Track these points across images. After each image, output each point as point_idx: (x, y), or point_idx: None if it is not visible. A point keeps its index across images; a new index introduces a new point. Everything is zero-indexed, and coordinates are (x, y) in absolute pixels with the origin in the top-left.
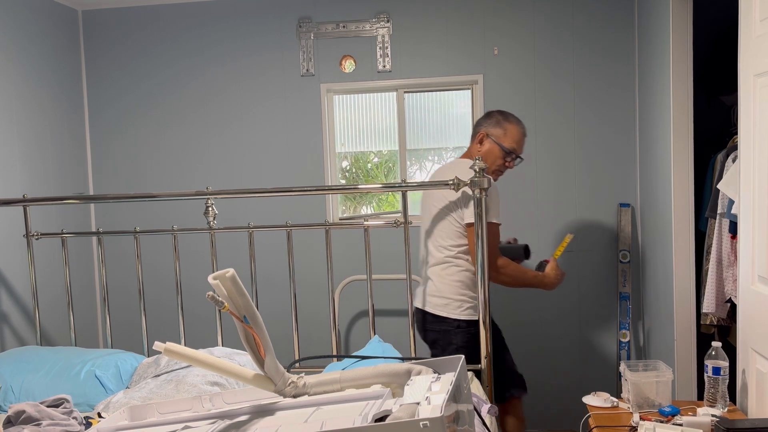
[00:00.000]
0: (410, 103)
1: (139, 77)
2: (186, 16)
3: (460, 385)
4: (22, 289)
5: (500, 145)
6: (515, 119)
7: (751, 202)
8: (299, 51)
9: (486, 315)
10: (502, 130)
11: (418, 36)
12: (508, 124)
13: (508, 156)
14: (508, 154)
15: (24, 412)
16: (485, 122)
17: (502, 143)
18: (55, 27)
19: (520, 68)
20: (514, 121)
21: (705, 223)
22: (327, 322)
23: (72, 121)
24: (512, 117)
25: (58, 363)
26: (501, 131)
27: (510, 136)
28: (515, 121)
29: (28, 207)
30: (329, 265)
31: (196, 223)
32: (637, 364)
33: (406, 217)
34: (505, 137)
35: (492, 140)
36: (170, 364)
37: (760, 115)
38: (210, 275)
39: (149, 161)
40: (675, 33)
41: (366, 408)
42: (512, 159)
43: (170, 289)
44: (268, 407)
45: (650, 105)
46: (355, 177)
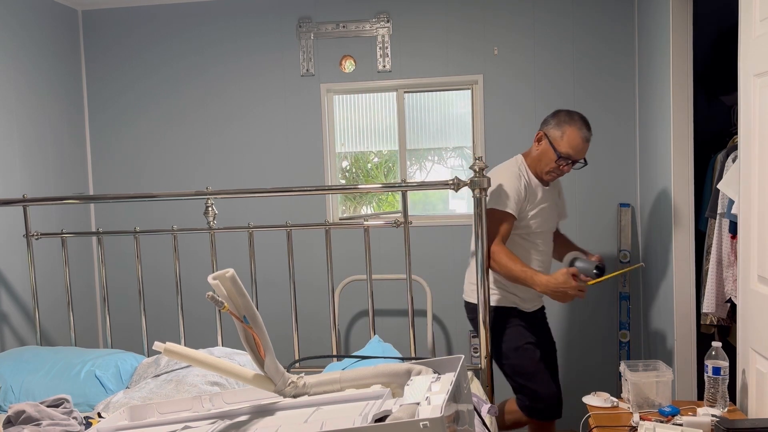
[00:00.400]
0: (410, 103)
1: (139, 77)
2: (186, 16)
3: (460, 385)
4: (22, 289)
5: (555, 148)
6: (579, 123)
7: (751, 202)
8: (299, 51)
9: (486, 315)
10: (560, 132)
11: (418, 36)
12: (568, 128)
13: (561, 160)
14: (561, 158)
15: (24, 412)
16: (548, 121)
17: (557, 147)
18: (55, 27)
19: (520, 68)
20: (576, 124)
21: (705, 223)
22: (327, 322)
23: (72, 121)
24: (577, 120)
25: (58, 363)
26: (559, 133)
27: (567, 140)
28: (578, 125)
29: (28, 207)
30: (329, 265)
31: (196, 223)
32: (637, 364)
33: (406, 217)
34: (562, 141)
35: (548, 141)
36: (170, 364)
37: (760, 115)
38: (210, 275)
39: (149, 161)
40: (675, 33)
41: (366, 408)
42: (567, 164)
43: (170, 289)
44: (268, 407)
45: (650, 105)
46: (355, 177)
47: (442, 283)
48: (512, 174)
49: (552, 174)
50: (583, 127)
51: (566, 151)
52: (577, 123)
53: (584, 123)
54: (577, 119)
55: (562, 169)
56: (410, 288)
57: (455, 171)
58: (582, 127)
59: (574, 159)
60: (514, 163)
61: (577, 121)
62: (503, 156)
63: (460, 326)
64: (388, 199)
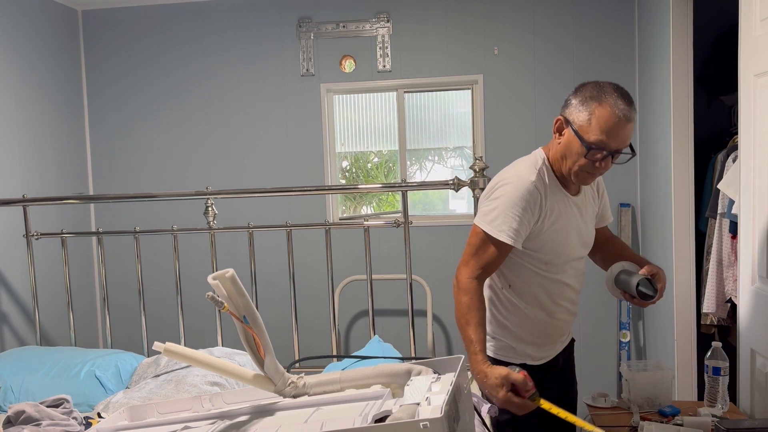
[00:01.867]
0: (410, 102)
1: (139, 77)
2: (186, 15)
3: (460, 385)
4: (22, 289)
5: (581, 137)
6: (612, 96)
7: (752, 202)
8: (299, 51)
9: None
10: (587, 113)
11: (418, 36)
12: (596, 105)
13: (593, 152)
14: (593, 150)
15: (24, 412)
16: (569, 101)
17: (585, 135)
18: (54, 27)
19: (520, 68)
20: (609, 99)
21: (705, 223)
22: (327, 322)
23: (72, 121)
24: (609, 92)
25: (57, 363)
26: (585, 115)
27: (597, 122)
28: (611, 98)
29: (28, 207)
30: (329, 265)
31: (196, 223)
32: (637, 364)
33: (406, 217)
34: (589, 126)
35: (572, 129)
36: (170, 364)
37: (761, 114)
38: (210, 275)
39: (149, 161)
40: (675, 33)
41: (366, 408)
42: (604, 156)
43: (170, 289)
44: (268, 407)
45: (650, 105)
46: (355, 177)
47: (442, 283)
48: (524, 183)
49: (582, 174)
50: (619, 101)
51: (597, 138)
52: (611, 96)
53: (621, 95)
54: (611, 91)
55: (598, 165)
56: (410, 288)
57: (455, 171)
58: (618, 100)
59: (613, 149)
60: (532, 164)
61: (609, 93)
62: (503, 156)
63: None
64: (388, 199)
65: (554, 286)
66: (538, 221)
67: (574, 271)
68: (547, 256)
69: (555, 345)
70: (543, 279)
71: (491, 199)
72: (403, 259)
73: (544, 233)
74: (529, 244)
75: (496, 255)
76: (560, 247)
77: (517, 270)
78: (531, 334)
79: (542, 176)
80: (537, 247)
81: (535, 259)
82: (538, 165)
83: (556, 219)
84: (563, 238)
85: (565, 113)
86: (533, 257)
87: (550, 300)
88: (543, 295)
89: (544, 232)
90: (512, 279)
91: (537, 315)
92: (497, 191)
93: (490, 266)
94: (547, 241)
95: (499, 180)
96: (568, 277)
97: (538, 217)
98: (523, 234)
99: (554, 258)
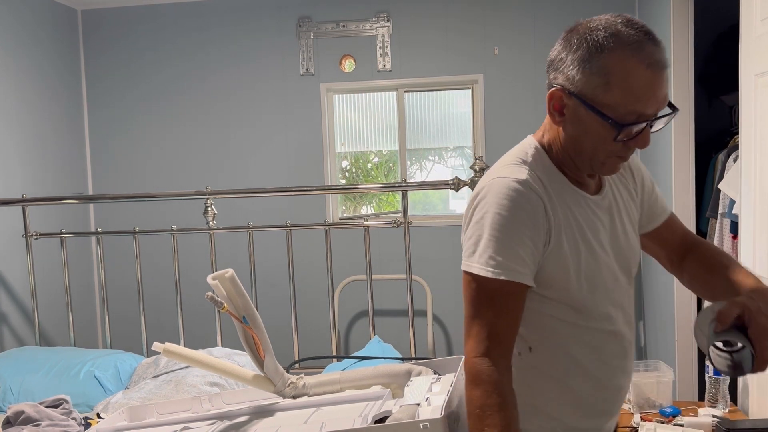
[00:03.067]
0: (410, 102)
1: (139, 76)
2: (185, 15)
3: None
4: (21, 289)
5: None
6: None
7: (752, 202)
8: (299, 50)
9: None
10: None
11: (419, 35)
12: (613, 59)
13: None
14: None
15: (23, 413)
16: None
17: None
18: (54, 26)
19: (520, 68)
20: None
21: (706, 223)
22: (327, 322)
23: (71, 121)
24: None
25: (57, 363)
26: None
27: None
28: (632, 39)
29: (27, 207)
30: (329, 265)
31: (196, 223)
32: (638, 364)
33: (406, 217)
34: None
35: (580, 103)
36: (169, 364)
37: (761, 114)
38: (209, 276)
39: (149, 161)
40: (675, 33)
41: (366, 409)
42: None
43: (170, 289)
44: (268, 408)
45: None
46: (355, 177)
47: (442, 283)
48: (510, 185)
49: (611, 162)
50: (643, 41)
51: (630, 108)
52: (628, 38)
53: (641, 30)
54: (625, 29)
55: (631, 144)
56: (410, 288)
57: (455, 171)
58: (641, 40)
59: (652, 115)
60: (517, 158)
61: (625, 35)
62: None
63: (460, 326)
64: (388, 199)
65: (595, 338)
66: (549, 240)
67: (620, 311)
68: (572, 295)
69: (607, 425)
70: (575, 331)
71: (472, 224)
72: (403, 259)
73: (560, 259)
74: (541, 281)
75: (501, 307)
76: (589, 277)
77: (534, 323)
78: (573, 416)
79: (537, 173)
80: (552, 284)
81: (555, 302)
82: (528, 157)
83: (574, 234)
84: (591, 263)
85: (560, 80)
86: (552, 300)
87: (595, 361)
88: (581, 356)
89: (559, 256)
90: (530, 338)
91: (577, 387)
92: (477, 210)
93: (502, 328)
94: (564, 271)
95: (477, 193)
96: (612, 321)
97: (547, 234)
98: (528, 261)
99: (583, 297)
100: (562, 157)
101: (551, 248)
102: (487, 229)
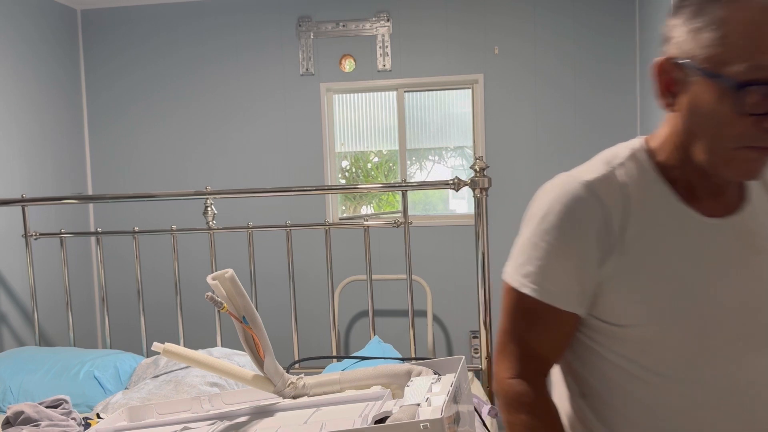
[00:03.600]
0: (410, 102)
1: (138, 77)
2: (185, 15)
3: (460, 386)
4: (21, 289)
5: (717, 74)
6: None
7: None
8: (299, 50)
9: (486, 316)
10: (713, 28)
11: (419, 35)
12: (726, 9)
13: (750, 95)
14: (749, 90)
15: (23, 413)
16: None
17: (722, 68)
18: (53, 26)
19: (520, 68)
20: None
21: None
22: (327, 322)
23: (71, 121)
24: None
25: (56, 363)
26: (711, 35)
27: (740, 33)
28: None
29: (27, 207)
30: (329, 265)
31: (196, 223)
32: None
33: (406, 217)
34: (727, 46)
35: (697, 71)
36: (169, 364)
37: None
38: (209, 276)
39: (148, 161)
40: None
41: (366, 409)
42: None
43: (169, 289)
44: (268, 408)
45: (651, 105)
46: (355, 177)
47: (442, 283)
48: (569, 188)
49: (742, 154)
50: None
51: (752, 62)
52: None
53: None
54: None
55: (765, 122)
56: (410, 288)
57: (456, 171)
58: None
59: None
60: (606, 157)
61: None
62: (504, 156)
63: (460, 326)
64: (388, 199)
65: (680, 401)
66: (607, 260)
67: (743, 380)
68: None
69: None
70: (647, 388)
71: (523, 222)
72: (403, 259)
73: (633, 288)
74: (601, 307)
75: (542, 328)
76: (678, 316)
77: (592, 363)
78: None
79: (621, 178)
80: (619, 315)
81: (620, 341)
82: (617, 158)
83: (663, 262)
84: (685, 300)
85: (671, 52)
86: (616, 337)
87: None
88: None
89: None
90: (589, 379)
91: None
92: (529, 208)
93: (543, 349)
94: (637, 300)
95: (538, 191)
96: (725, 389)
97: (608, 251)
98: (570, 280)
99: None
100: (675, 161)
101: (615, 271)
102: (526, 233)
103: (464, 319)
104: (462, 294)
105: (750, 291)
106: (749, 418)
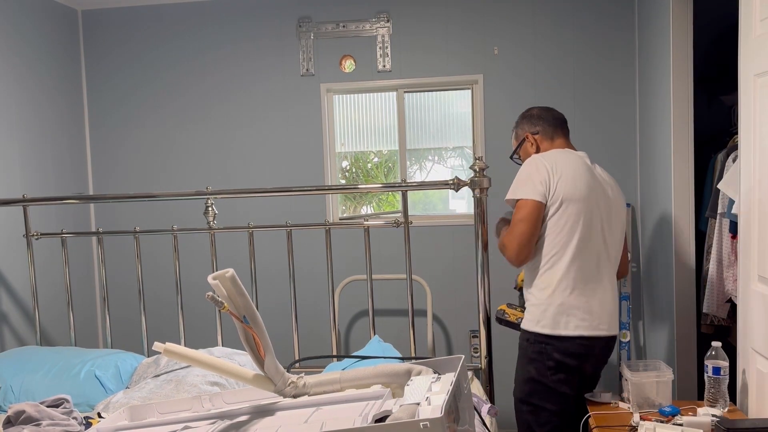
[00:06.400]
0: (410, 102)
1: (139, 77)
2: (186, 16)
3: (460, 385)
4: (22, 289)
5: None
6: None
7: (752, 202)
8: (299, 51)
9: (486, 316)
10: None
11: (418, 35)
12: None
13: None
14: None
15: (24, 412)
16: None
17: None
18: (54, 27)
19: (520, 68)
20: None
21: (705, 223)
22: (327, 321)
23: (72, 121)
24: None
25: (57, 363)
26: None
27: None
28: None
29: (28, 207)
30: (329, 265)
31: (196, 223)
32: (637, 364)
33: (406, 217)
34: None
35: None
36: (170, 364)
37: (761, 114)
38: (210, 275)
39: (149, 161)
40: (675, 33)
41: (366, 408)
42: None
43: (170, 289)
44: (268, 407)
45: (650, 105)
46: (355, 177)
47: (442, 283)
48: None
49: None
50: None
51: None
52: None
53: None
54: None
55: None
56: (410, 288)
57: (455, 171)
58: None
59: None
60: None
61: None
62: (504, 156)
63: (460, 326)
64: (388, 199)
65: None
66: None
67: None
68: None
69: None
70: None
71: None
72: (403, 259)
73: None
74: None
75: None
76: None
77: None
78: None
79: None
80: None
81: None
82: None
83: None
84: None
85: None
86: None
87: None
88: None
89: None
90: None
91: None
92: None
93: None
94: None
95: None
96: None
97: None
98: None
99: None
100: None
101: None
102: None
103: (464, 319)
104: (462, 294)
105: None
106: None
